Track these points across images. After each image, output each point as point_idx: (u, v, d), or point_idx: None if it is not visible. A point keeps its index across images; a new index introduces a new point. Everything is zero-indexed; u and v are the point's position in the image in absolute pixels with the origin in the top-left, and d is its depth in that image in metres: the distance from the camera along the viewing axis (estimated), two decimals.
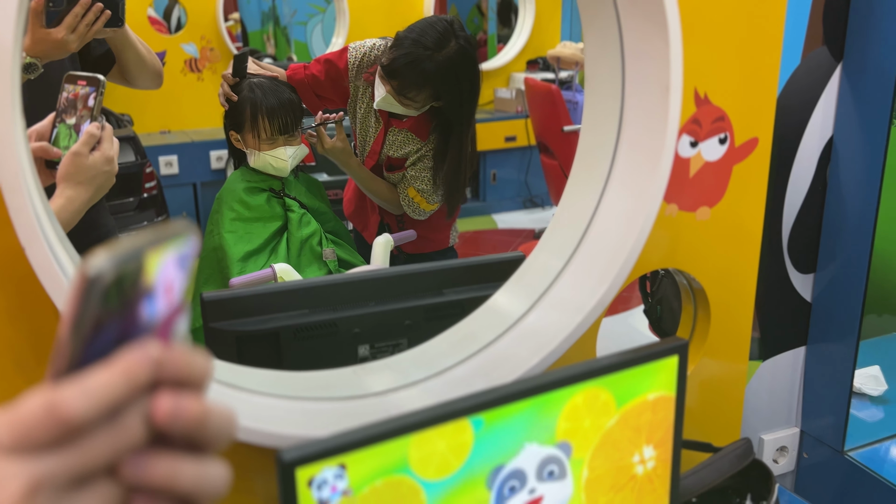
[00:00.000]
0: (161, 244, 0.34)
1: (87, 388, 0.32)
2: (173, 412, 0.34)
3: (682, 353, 0.84)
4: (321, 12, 5.29)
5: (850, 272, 1.26)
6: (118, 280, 0.32)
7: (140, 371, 0.33)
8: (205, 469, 0.36)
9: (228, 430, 0.38)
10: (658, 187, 0.90)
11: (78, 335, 0.32)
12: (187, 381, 0.36)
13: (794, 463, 1.42)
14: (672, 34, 0.85)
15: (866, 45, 1.18)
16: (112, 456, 0.34)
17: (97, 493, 0.34)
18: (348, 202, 2.01)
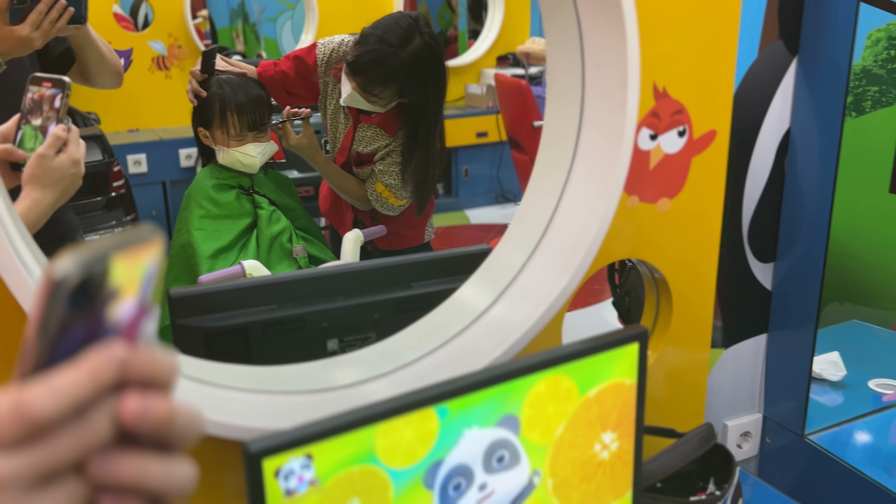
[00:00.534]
0: (126, 247, 0.35)
1: (53, 388, 0.33)
2: (140, 412, 0.35)
3: (642, 341, 0.87)
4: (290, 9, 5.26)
5: (809, 261, 1.30)
6: (84, 282, 0.33)
7: (106, 371, 0.34)
8: (172, 467, 0.37)
9: (195, 429, 0.39)
10: (618, 180, 0.92)
11: (44, 336, 0.33)
12: (154, 382, 0.37)
13: (757, 448, 1.45)
14: (629, 30, 0.87)
15: (820, 39, 1.22)
16: (79, 454, 0.34)
17: (64, 491, 0.34)
18: (324, 199, 2.01)
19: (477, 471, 0.79)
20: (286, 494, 0.68)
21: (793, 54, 1.25)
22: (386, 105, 1.65)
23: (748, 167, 1.28)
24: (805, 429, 1.38)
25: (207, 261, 1.55)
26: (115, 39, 3.92)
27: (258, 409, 0.82)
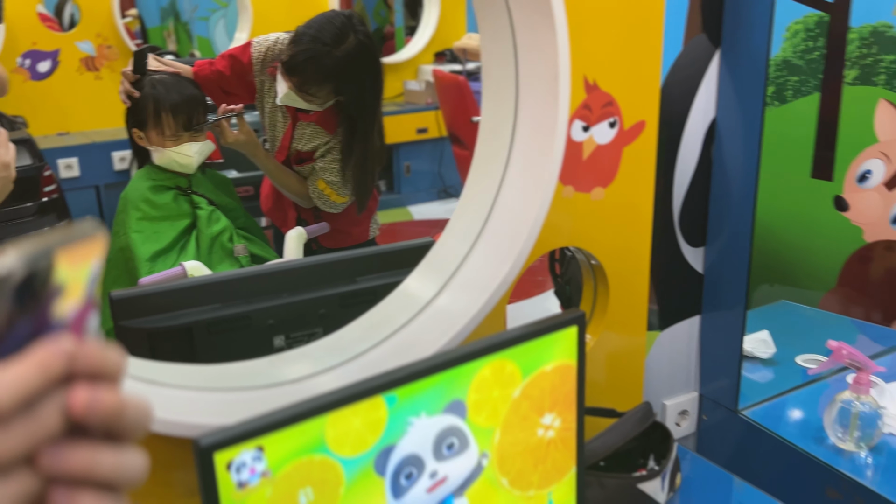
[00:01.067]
0: (70, 243, 0.35)
1: (2, 381, 0.34)
2: (89, 403, 0.36)
3: (580, 323, 0.90)
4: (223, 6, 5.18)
5: (737, 244, 1.36)
6: (29, 277, 0.34)
7: (54, 363, 0.35)
8: (123, 457, 0.38)
9: (145, 419, 0.39)
10: (553, 171, 0.95)
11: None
12: (102, 374, 0.37)
13: (694, 425, 1.52)
14: (559, 26, 0.90)
15: (741, 30, 1.28)
16: (29, 446, 0.35)
17: (15, 483, 0.35)
18: (265, 198, 2.00)
19: (427, 459, 0.81)
20: (239, 487, 0.69)
21: (716, 46, 1.30)
22: (323, 104, 1.65)
23: (677, 156, 1.34)
24: (738, 405, 1.44)
25: (147, 263, 1.53)
26: (41, 40, 3.80)
27: (208, 406, 0.82)
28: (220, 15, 5.22)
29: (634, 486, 1.03)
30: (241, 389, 0.88)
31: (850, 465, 1.27)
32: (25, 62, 3.78)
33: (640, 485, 1.03)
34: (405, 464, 0.80)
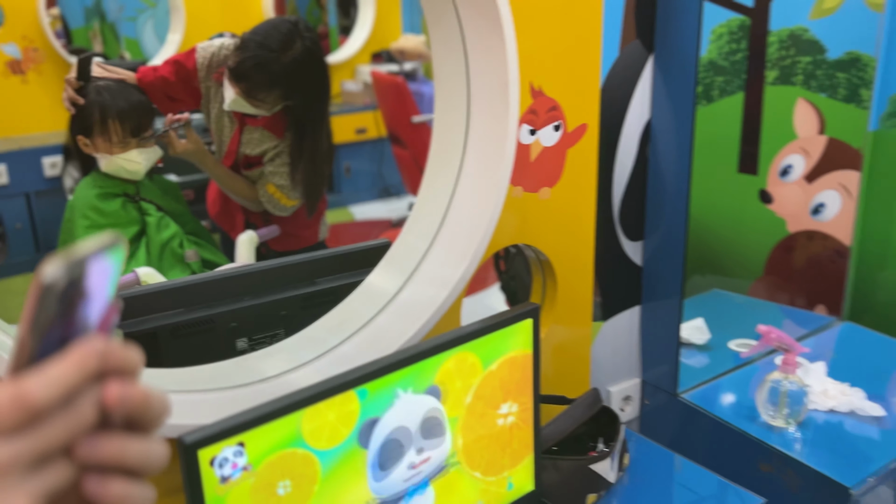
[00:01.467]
0: (97, 252, 0.39)
1: (47, 378, 0.37)
2: (122, 396, 0.40)
3: (534, 316, 0.96)
4: (152, 7, 5.07)
5: (672, 238, 1.44)
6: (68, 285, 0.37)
7: (90, 362, 0.38)
8: (149, 445, 0.42)
9: (166, 410, 0.43)
10: (504, 172, 1.01)
11: (36, 334, 0.37)
12: (126, 371, 0.41)
13: (637, 409, 1.60)
14: (507, 36, 0.96)
15: (671, 37, 1.36)
16: (69, 437, 0.38)
17: (56, 471, 0.38)
18: (212, 203, 2.00)
19: (415, 434, 0.86)
20: (221, 481, 0.72)
21: (649, 51, 1.38)
22: (270, 109, 1.67)
23: (615, 156, 1.41)
24: (677, 389, 1.53)
25: None
26: None
27: (188, 407, 0.85)
28: (149, 15, 5.12)
29: (587, 467, 1.09)
30: (221, 389, 0.91)
31: (780, 440, 1.37)
32: None
33: (592, 466, 1.10)
34: (393, 435, 0.84)
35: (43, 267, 0.36)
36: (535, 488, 1.03)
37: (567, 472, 1.09)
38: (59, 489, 0.39)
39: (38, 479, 0.38)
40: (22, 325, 0.37)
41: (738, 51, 2.14)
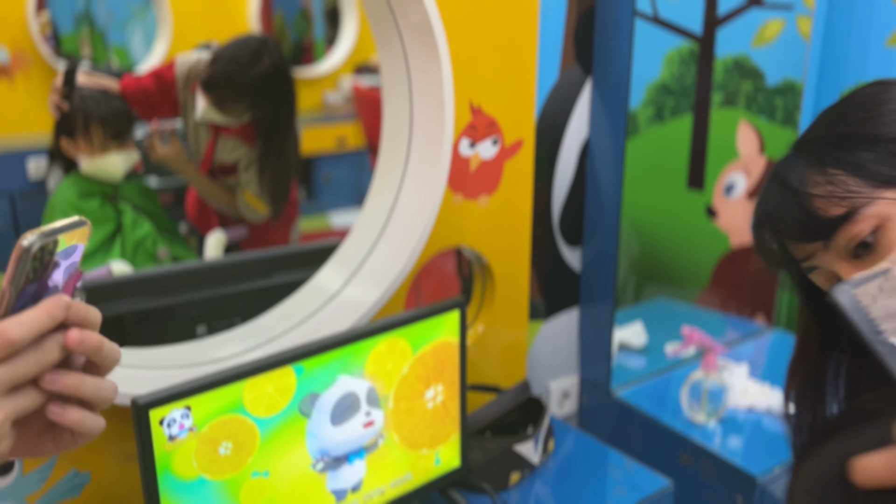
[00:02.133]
0: (67, 230, 0.50)
1: (22, 321, 0.48)
2: (80, 340, 0.51)
3: (461, 307, 1.08)
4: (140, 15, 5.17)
5: (606, 246, 1.57)
6: (40, 251, 0.48)
7: (57, 312, 0.50)
8: (101, 383, 0.53)
9: (116, 356, 0.55)
10: (440, 180, 1.13)
11: (15, 288, 0.48)
12: (87, 323, 0.52)
13: (576, 405, 1.72)
14: (443, 60, 1.08)
15: (607, 62, 1.49)
16: (38, 369, 0.50)
17: (27, 396, 0.50)
18: (191, 207, 2.10)
19: (363, 400, 0.98)
20: (169, 439, 0.83)
21: (587, 74, 1.51)
22: (239, 119, 1.78)
23: (555, 169, 1.54)
24: (611, 387, 1.65)
25: None
26: None
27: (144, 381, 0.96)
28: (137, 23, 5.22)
29: (511, 448, 1.21)
30: (173, 367, 1.01)
31: (700, 434, 1.49)
32: None
33: (516, 447, 1.21)
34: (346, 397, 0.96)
35: (23, 235, 0.48)
36: (461, 465, 1.14)
37: (493, 453, 1.20)
38: (29, 411, 0.50)
39: (12, 401, 0.49)
40: (4, 281, 0.49)
41: (688, 75, 2.27)
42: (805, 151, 0.71)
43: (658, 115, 2.37)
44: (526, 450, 1.23)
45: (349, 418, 0.97)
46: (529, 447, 1.23)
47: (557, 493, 1.23)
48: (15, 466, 0.97)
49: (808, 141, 0.71)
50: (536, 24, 1.28)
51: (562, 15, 1.46)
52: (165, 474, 0.83)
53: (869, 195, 0.65)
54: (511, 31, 1.25)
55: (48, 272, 0.50)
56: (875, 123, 0.67)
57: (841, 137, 0.68)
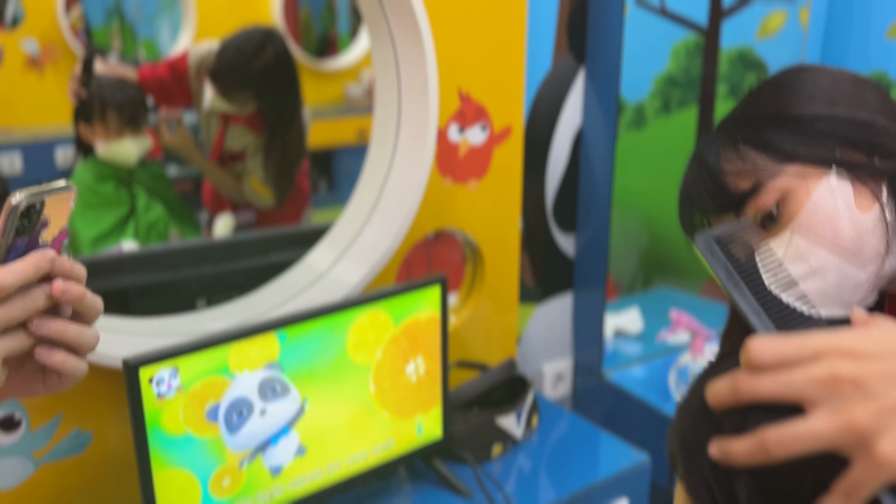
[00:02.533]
0: (54, 192, 0.56)
1: (11, 270, 0.54)
2: (64, 289, 0.57)
3: (442, 283, 1.13)
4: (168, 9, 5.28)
5: (598, 233, 1.61)
6: (28, 209, 0.55)
7: (43, 263, 0.56)
8: (84, 330, 0.60)
9: (99, 307, 0.61)
10: (426, 164, 1.18)
11: (5, 241, 0.55)
12: (71, 276, 0.59)
13: (570, 387, 1.76)
14: (427, 49, 1.13)
15: (600, 51, 1.53)
16: (25, 314, 0.56)
17: (16, 338, 0.56)
18: (207, 193, 2.18)
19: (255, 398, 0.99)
20: (158, 397, 0.89)
21: (580, 63, 1.55)
22: (243, 108, 1.85)
23: (548, 157, 1.58)
24: (603, 370, 1.69)
25: (89, 246, 1.71)
26: None
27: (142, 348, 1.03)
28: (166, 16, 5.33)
29: (492, 420, 1.26)
30: (171, 336, 1.08)
31: None
32: None
33: (498, 420, 1.26)
34: (235, 403, 1.01)
35: (12, 194, 0.54)
36: (443, 435, 1.20)
37: (476, 426, 1.25)
38: (18, 352, 0.57)
39: (3, 341, 0.55)
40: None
41: (693, 67, 2.30)
42: (722, 131, 0.75)
43: (665, 106, 2.40)
44: (508, 423, 1.28)
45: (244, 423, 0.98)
46: (511, 421, 1.28)
47: (536, 466, 1.28)
48: (22, 424, 1.04)
49: (726, 122, 0.76)
50: (525, 14, 1.32)
51: (554, 5, 1.50)
52: (154, 429, 0.90)
53: (773, 170, 0.70)
54: (500, 21, 1.30)
55: (37, 230, 0.57)
56: (782, 104, 0.71)
57: (752, 118, 0.73)
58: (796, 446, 0.39)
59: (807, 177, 0.69)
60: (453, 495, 1.19)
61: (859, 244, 0.68)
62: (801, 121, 0.70)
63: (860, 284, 0.69)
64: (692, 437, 0.46)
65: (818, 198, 0.68)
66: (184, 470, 0.94)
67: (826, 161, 0.69)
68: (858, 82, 0.72)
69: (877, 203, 0.68)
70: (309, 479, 1.06)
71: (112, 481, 1.12)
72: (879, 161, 0.69)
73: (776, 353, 0.41)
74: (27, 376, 0.61)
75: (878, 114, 0.70)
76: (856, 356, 0.40)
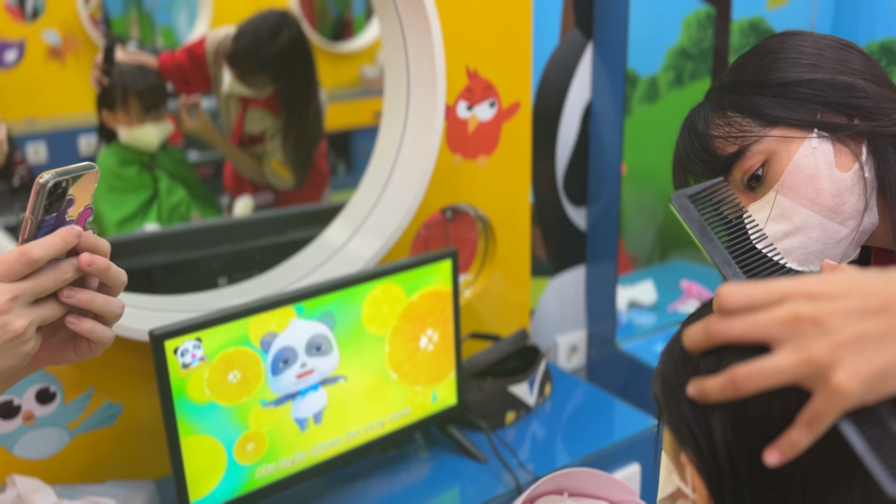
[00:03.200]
0: (79, 172, 0.61)
1: (42, 244, 0.59)
2: (90, 261, 0.62)
3: (453, 257, 1.17)
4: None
5: (609, 206, 1.63)
6: (55, 187, 0.59)
7: (70, 238, 0.60)
8: (110, 300, 0.64)
9: (123, 278, 0.65)
10: (435, 141, 1.22)
11: (34, 217, 0.59)
12: (96, 250, 0.63)
13: (584, 358, 1.80)
14: (433, 28, 1.16)
15: (607, 26, 1.55)
16: (55, 285, 0.60)
17: (47, 307, 0.61)
18: (228, 177, 2.23)
19: (300, 351, 1.07)
20: (183, 367, 0.94)
21: (588, 38, 1.57)
22: (261, 91, 1.88)
23: (558, 131, 1.61)
24: (617, 341, 1.73)
25: (114, 228, 1.77)
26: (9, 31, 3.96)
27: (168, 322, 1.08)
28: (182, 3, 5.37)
29: (505, 388, 1.30)
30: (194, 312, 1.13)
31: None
32: None
33: (510, 387, 1.30)
34: (284, 350, 1.06)
35: (40, 174, 0.58)
36: (458, 402, 1.24)
37: (490, 393, 1.29)
38: (50, 320, 0.61)
39: (35, 310, 0.60)
40: (27, 212, 0.60)
41: (705, 39, 2.30)
42: (710, 98, 0.78)
43: (678, 79, 2.40)
44: (521, 391, 1.31)
45: (285, 370, 1.04)
46: (524, 389, 1.32)
47: (549, 432, 1.32)
48: (57, 396, 1.10)
49: (714, 89, 0.79)
50: None
51: None
52: (181, 398, 0.95)
53: (758, 134, 0.73)
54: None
55: (63, 207, 0.61)
56: (766, 70, 0.74)
57: (739, 84, 0.76)
58: (763, 381, 0.43)
59: (789, 140, 0.72)
60: (469, 461, 1.23)
61: (839, 201, 0.71)
62: (784, 86, 0.73)
63: (842, 240, 0.72)
64: (673, 379, 0.50)
65: (800, 158, 0.71)
66: (209, 436, 0.99)
67: (808, 124, 0.72)
68: (842, 46, 0.75)
69: (856, 162, 0.71)
70: (329, 446, 1.11)
71: (142, 450, 1.18)
72: (860, 122, 0.71)
73: (744, 298, 0.44)
74: (59, 344, 0.66)
75: (859, 77, 0.72)
76: (815, 297, 0.43)
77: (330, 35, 4.91)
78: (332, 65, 4.91)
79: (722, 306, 0.45)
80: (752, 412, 0.45)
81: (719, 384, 0.44)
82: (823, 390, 0.41)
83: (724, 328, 0.45)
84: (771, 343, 0.44)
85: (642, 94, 2.15)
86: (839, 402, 0.41)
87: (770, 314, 0.44)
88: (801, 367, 0.42)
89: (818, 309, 0.42)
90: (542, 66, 1.54)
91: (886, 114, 0.71)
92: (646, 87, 2.16)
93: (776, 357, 0.43)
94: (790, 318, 0.43)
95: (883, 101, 0.72)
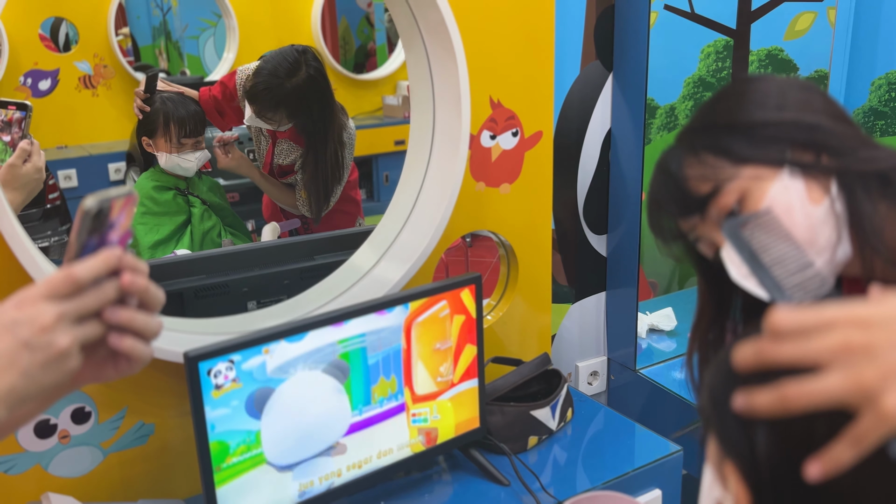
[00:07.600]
0: (119, 196, 0.65)
1: (86, 265, 0.63)
2: (131, 281, 0.65)
3: (477, 282, 1.20)
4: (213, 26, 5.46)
5: (629, 234, 1.66)
6: (98, 213, 0.63)
7: (112, 259, 0.64)
8: (150, 318, 0.68)
9: (162, 298, 0.69)
10: (459, 169, 1.25)
11: (80, 240, 0.63)
12: (136, 270, 0.67)
13: (604, 384, 1.81)
14: (459, 59, 1.20)
15: (627, 57, 1.58)
16: (98, 304, 0.64)
17: (90, 326, 0.64)
18: (266, 206, 2.27)
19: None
20: (216, 388, 0.98)
21: (609, 70, 1.61)
22: (279, 126, 1.92)
23: (579, 160, 1.64)
24: (637, 367, 1.74)
25: (148, 251, 1.82)
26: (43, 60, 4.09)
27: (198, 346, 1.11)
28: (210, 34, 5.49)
29: (528, 412, 1.32)
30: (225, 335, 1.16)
31: None
32: (27, 81, 4.07)
33: (533, 412, 1.32)
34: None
35: (85, 198, 0.62)
36: (480, 426, 1.26)
37: (512, 417, 1.31)
38: (93, 338, 0.65)
39: (79, 329, 0.64)
40: (71, 234, 0.63)
41: (724, 69, 2.33)
42: (682, 141, 0.82)
43: (696, 108, 2.43)
44: (543, 415, 1.33)
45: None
46: (546, 413, 1.33)
47: (571, 457, 1.33)
48: (92, 416, 1.14)
49: (685, 132, 0.83)
50: (552, 23, 1.39)
51: (581, 14, 1.56)
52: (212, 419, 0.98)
53: (731, 173, 0.76)
54: (528, 31, 1.37)
55: (105, 230, 0.65)
56: (734, 112, 0.78)
57: (709, 126, 0.80)
58: (811, 400, 0.45)
59: (762, 177, 0.76)
60: (491, 484, 1.25)
61: (813, 234, 0.74)
62: (752, 126, 0.77)
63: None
64: (721, 392, 0.52)
65: (774, 195, 0.75)
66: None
67: (778, 162, 0.75)
68: (805, 87, 0.80)
69: (826, 196, 0.74)
70: (354, 468, 1.13)
71: (173, 469, 1.21)
72: (827, 159, 0.75)
73: (796, 323, 0.47)
74: (99, 362, 0.69)
75: (823, 116, 0.77)
76: (865, 325, 0.45)
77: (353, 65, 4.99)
78: (355, 94, 4.98)
79: (774, 329, 0.47)
80: (796, 427, 0.47)
81: (768, 399, 0.46)
82: (871, 412, 0.44)
83: (775, 351, 0.47)
84: (821, 368, 0.46)
85: (661, 123, 2.19)
86: (886, 425, 0.43)
87: (821, 341, 0.46)
88: (850, 390, 0.44)
89: (869, 338, 0.45)
90: (563, 96, 1.58)
91: (851, 151, 0.75)
92: (664, 116, 2.19)
93: (826, 379, 0.45)
94: (841, 346, 0.45)
95: (846, 138, 0.76)
